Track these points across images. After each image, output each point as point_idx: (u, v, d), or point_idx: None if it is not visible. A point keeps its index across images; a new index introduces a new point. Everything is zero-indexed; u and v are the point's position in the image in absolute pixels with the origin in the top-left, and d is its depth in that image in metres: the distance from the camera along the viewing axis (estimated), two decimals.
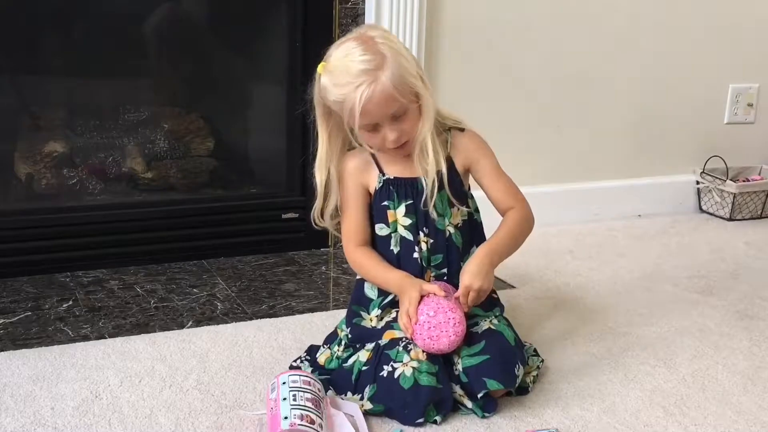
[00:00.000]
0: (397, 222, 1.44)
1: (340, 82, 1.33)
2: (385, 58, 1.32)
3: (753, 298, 1.93)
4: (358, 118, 1.32)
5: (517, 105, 2.37)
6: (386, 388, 1.31)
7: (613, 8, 2.44)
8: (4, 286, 1.85)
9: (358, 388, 1.35)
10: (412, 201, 1.43)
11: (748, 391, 1.46)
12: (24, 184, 2.05)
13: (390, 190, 1.44)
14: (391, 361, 1.33)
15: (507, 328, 1.43)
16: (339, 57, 1.34)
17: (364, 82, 1.31)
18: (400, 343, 1.36)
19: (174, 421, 1.29)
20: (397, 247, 1.45)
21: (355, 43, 1.34)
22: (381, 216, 1.46)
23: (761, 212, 2.66)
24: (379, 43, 1.34)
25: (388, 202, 1.44)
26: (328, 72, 1.35)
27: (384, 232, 1.46)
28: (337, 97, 1.34)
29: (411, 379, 1.30)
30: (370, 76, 1.31)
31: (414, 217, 1.44)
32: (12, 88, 2.05)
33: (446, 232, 1.44)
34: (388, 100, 1.32)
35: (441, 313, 1.33)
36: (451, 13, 2.20)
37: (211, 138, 2.24)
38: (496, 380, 1.31)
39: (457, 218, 1.46)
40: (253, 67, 2.26)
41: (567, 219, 2.48)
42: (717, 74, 2.66)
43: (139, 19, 2.10)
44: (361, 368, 1.36)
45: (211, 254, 2.09)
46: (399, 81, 1.32)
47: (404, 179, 1.44)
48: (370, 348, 1.38)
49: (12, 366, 1.45)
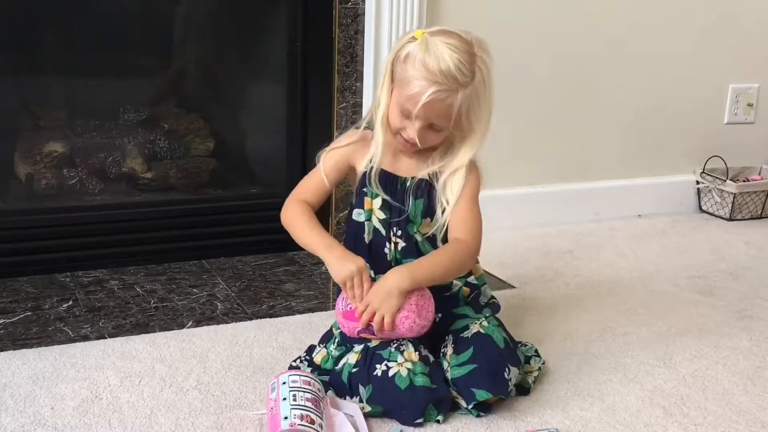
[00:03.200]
0: (372, 211, 1.44)
1: (427, 66, 1.31)
2: (473, 81, 1.33)
3: (753, 298, 1.93)
4: (407, 99, 1.32)
5: (517, 105, 2.37)
6: (382, 388, 1.30)
7: (613, 8, 2.44)
8: (4, 286, 1.85)
9: (352, 391, 1.34)
10: (389, 197, 1.43)
11: (748, 391, 1.46)
12: (24, 184, 2.05)
13: (371, 178, 1.43)
14: (384, 361, 1.33)
15: (496, 330, 1.41)
16: (442, 40, 1.32)
17: (444, 87, 1.31)
18: (391, 344, 1.35)
19: (174, 421, 1.29)
20: (370, 236, 1.45)
21: (461, 43, 1.33)
22: (360, 201, 1.46)
23: (761, 212, 2.66)
24: (478, 62, 1.34)
25: (367, 189, 1.44)
26: (425, 45, 1.32)
27: (360, 218, 1.46)
28: (413, 73, 1.32)
29: (407, 379, 1.30)
30: (452, 85, 1.31)
31: (388, 213, 1.44)
32: (12, 88, 2.05)
33: (414, 239, 1.44)
34: (440, 114, 1.33)
35: None
36: (451, 13, 2.20)
37: (211, 138, 2.24)
38: (484, 390, 1.30)
39: (426, 229, 1.44)
40: (253, 67, 2.26)
41: (567, 219, 2.48)
42: (717, 74, 2.66)
43: (140, 18, 2.10)
44: (351, 371, 1.35)
45: (211, 254, 2.09)
46: (464, 109, 1.33)
47: (389, 173, 1.44)
48: (358, 350, 1.37)
49: (12, 366, 1.45)
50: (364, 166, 1.45)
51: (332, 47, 2.10)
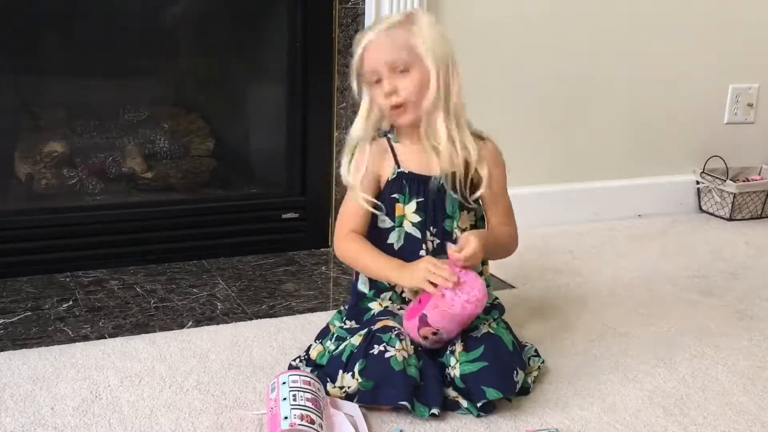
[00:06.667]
0: (405, 217, 1.44)
1: (365, 30, 1.42)
2: (411, 21, 1.39)
3: (753, 298, 1.93)
4: (360, 60, 1.39)
5: (517, 105, 2.37)
6: (376, 363, 1.30)
7: (613, 8, 2.44)
8: (4, 286, 1.85)
9: (348, 367, 1.34)
10: (423, 198, 1.43)
11: (748, 391, 1.46)
12: (24, 184, 2.05)
13: (402, 183, 1.43)
14: (383, 343, 1.33)
15: (506, 332, 1.42)
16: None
17: (377, 29, 1.39)
18: (393, 330, 1.36)
19: (174, 421, 1.29)
20: (400, 242, 1.44)
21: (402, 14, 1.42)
22: (388, 209, 1.45)
23: (761, 212, 2.66)
24: (412, 14, 1.41)
25: (399, 196, 1.44)
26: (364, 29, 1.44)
27: (386, 225, 1.45)
28: (359, 45, 1.40)
29: (401, 364, 1.30)
30: (386, 25, 1.39)
31: (423, 214, 1.44)
32: (12, 88, 2.05)
33: (453, 234, 1.44)
34: (392, 49, 1.37)
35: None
36: (451, 13, 2.20)
37: (211, 138, 2.24)
38: (495, 388, 1.31)
39: (466, 222, 1.46)
40: (253, 67, 2.26)
41: (567, 219, 2.49)
42: (717, 74, 2.67)
43: (140, 18, 2.10)
44: (353, 350, 1.35)
45: (211, 254, 2.09)
46: (414, 39, 1.37)
47: (419, 175, 1.44)
48: (362, 333, 1.38)
49: (12, 366, 1.45)
50: (390, 173, 1.45)
51: (332, 47, 2.10)
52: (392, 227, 1.45)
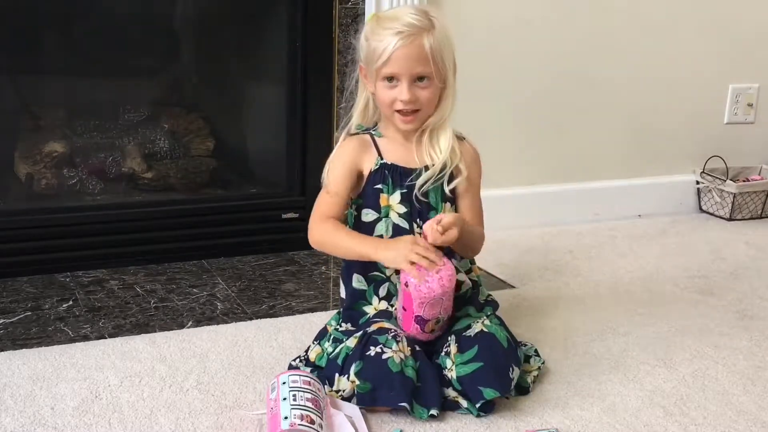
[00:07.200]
0: (391, 207, 1.44)
1: (385, 26, 1.38)
2: (434, 26, 1.38)
3: (753, 298, 1.93)
4: (384, 61, 1.37)
5: (517, 105, 2.37)
6: (373, 365, 1.30)
7: (612, 8, 2.44)
8: (4, 286, 1.85)
9: (344, 370, 1.34)
10: (406, 190, 1.44)
11: (748, 391, 1.46)
12: (24, 184, 2.05)
13: (385, 174, 1.44)
14: (380, 344, 1.33)
15: (499, 329, 1.42)
16: (392, 9, 1.43)
17: (406, 32, 1.36)
18: (389, 332, 1.36)
19: (174, 421, 1.29)
20: (389, 233, 1.44)
21: (412, 7, 1.43)
22: (371, 200, 1.45)
23: (761, 212, 2.66)
24: (432, 16, 1.40)
25: (382, 186, 1.44)
26: (376, 18, 1.41)
27: (370, 218, 1.45)
28: (375, 41, 1.38)
29: (398, 366, 1.30)
30: (414, 30, 1.37)
31: (409, 206, 1.44)
32: (12, 88, 2.05)
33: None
34: (420, 59, 1.37)
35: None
36: (450, 14, 2.20)
37: (211, 138, 2.24)
38: (491, 388, 1.31)
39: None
40: (253, 66, 2.26)
41: (567, 219, 2.48)
42: (717, 74, 2.66)
43: (140, 19, 2.10)
44: (348, 352, 1.36)
45: (211, 254, 2.09)
46: (438, 50, 1.37)
47: (401, 167, 1.45)
48: (358, 336, 1.38)
49: (12, 366, 1.45)
50: (373, 164, 1.45)
51: (332, 47, 2.10)
52: (378, 218, 1.45)
